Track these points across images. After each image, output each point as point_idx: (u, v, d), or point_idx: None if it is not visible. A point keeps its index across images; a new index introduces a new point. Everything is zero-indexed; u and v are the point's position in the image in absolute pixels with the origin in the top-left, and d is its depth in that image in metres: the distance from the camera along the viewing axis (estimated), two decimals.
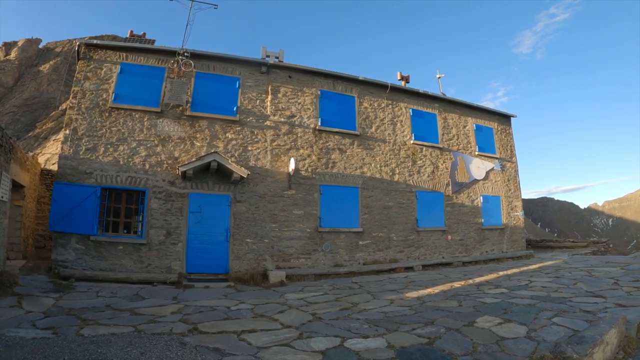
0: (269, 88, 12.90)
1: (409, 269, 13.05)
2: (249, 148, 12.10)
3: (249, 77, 12.72)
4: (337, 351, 4.76)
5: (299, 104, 13.21)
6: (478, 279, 10.68)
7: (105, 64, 11.36)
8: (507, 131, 18.29)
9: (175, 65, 11.66)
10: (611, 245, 20.91)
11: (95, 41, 11.57)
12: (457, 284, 9.95)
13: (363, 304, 7.72)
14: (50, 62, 31.13)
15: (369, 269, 12.32)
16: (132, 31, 14.13)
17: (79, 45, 11.43)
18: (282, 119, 12.81)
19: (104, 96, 11.07)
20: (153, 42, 13.52)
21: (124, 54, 11.58)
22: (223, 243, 11.19)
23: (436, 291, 9.02)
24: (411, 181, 14.61)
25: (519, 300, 7.42)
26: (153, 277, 9.80)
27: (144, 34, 14.20)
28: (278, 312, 7.00)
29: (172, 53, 11.80)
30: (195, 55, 11.99)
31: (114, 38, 29.14)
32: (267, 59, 13.09)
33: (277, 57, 13.38)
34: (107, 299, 7.73)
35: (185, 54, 11.67)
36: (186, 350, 4.62)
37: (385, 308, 7.27)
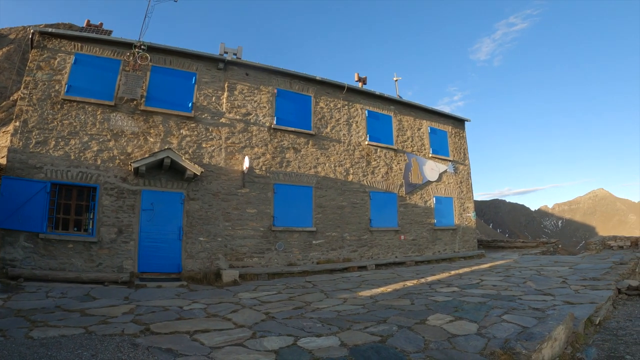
0: (226, 85, 12.83)
1: (362, 268, 13.31)
2: (204, 145, 12.02)
3: (205, 73, 12.60)
4: (290, 350, 4.83)
5: (255, 102, 13.19)
6: (430, 278, 11.00)
7: (59, 54, 10.98)
8: (461, 135, 18.88)
9: (131, 58, 11.38)
10: (560, 246, 21.86)
11: (50, 29, 11.09)
12: (409, 283, 10.23)
13: (316, 303, 7.85)
14: (3, 50, 29.57)
15: (323, 268, 12.50)
16: (89, 20, 13.66)
17: (33, 33, 10.95)
18: (238, 117, 12.76)
19: (57, 87, 10.70)
20: (110, 33, 13.14)
21: (79, 44, 11.22)
22: (176, 241, 11.07)
23: (389, 290, 9.25)
24: (365, 181, 14.87)
25: (470, 299, 7.69)
26: (104, 276, 9.60)
27: (101, 24, 13.75)
28: (231, 311, 7.04)
29: (128, 45, 11.50)
30: (152, 49, 11.77)
31: (70, 27, 27.94)
32: (225, 55, 13.04)
33: (235, 54, 13.33)
34: (57, 299, 7.56)
35: (142, 46, 11.39)
36: (138, 352, 4.61)
37: (338, 307, 7.41)
